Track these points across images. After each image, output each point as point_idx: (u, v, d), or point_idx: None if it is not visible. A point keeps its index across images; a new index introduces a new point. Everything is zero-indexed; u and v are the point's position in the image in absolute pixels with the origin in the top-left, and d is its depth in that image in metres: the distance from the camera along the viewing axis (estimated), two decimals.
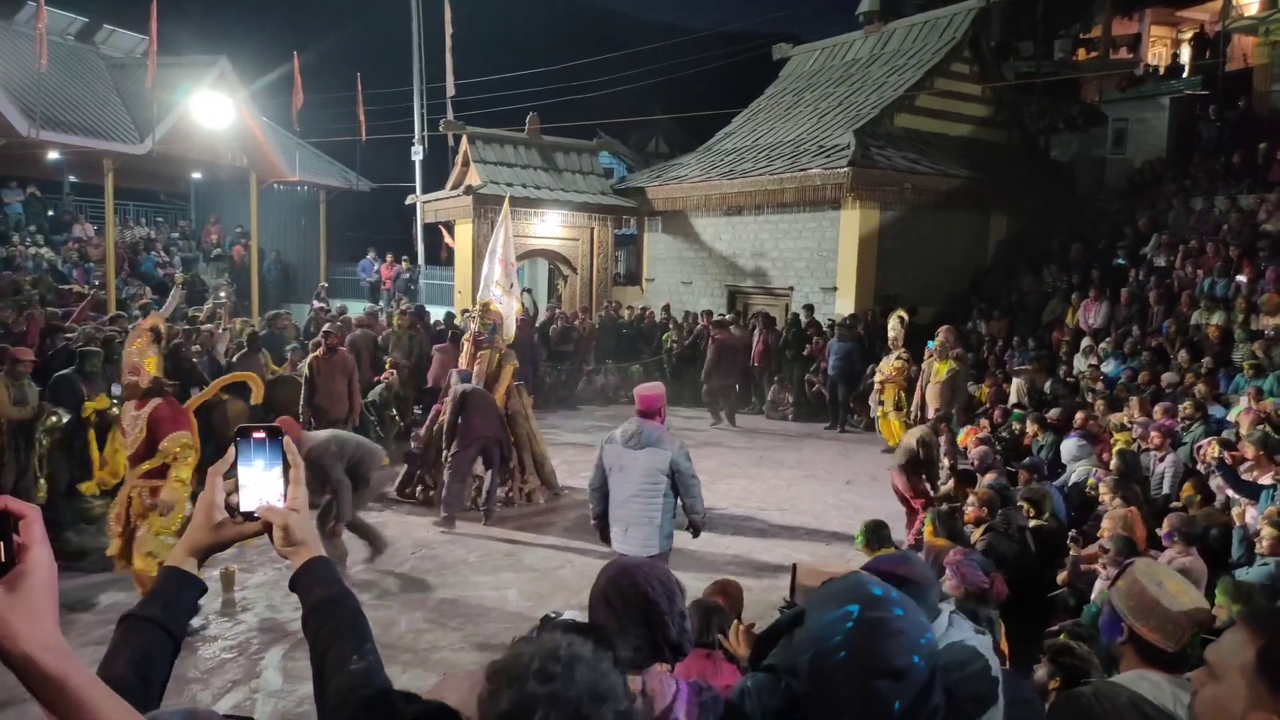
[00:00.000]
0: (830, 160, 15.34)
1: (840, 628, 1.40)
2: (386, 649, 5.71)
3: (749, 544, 8.25)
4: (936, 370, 10.64)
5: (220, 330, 12.17)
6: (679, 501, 5.51)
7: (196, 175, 22.04)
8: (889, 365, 11.90)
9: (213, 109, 16.77)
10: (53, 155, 17.50)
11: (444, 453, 9.13)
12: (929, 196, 15.78)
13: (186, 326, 12.28)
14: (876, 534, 5.40)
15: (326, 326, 10.39)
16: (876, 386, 12.12)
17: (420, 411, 12.95)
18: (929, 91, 17.22)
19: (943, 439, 8.52)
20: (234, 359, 10.75)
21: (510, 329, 9.68)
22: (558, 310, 17.48)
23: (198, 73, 17.20)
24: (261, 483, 1.42)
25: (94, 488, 7.55)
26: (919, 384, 11.04)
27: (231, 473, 1.43)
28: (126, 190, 20.68)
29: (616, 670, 1.28)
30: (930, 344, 11.17)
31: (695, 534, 5.90)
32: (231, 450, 1.43)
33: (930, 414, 10.68)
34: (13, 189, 20.17)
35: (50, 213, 21.13)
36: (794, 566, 2.41)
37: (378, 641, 1.55)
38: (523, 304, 12.29)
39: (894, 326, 12.02)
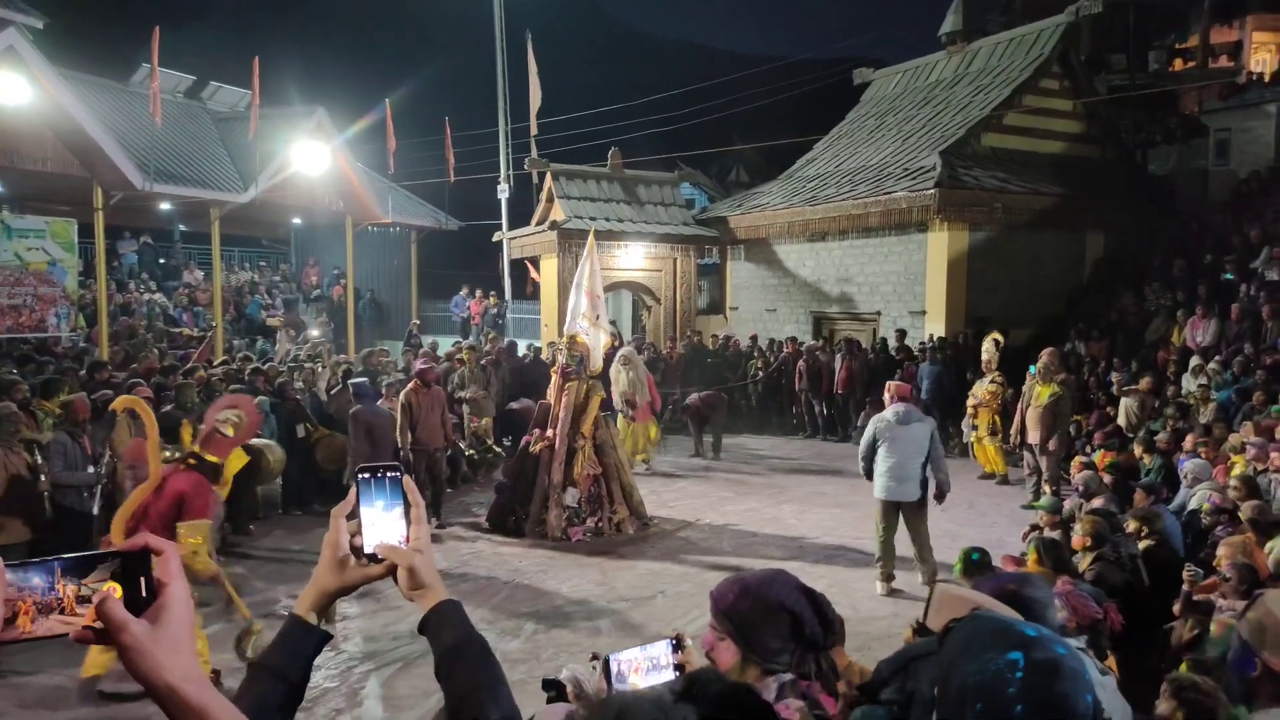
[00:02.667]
0: (916, 182, 15.12)
1: (1010, 677, 1.34)
2: None
3: (843, 574, 8.09)
4: (1038, 394, 10.29)
5: (321, 369, 12.61)
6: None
7: (296, 220, 23.02)
8: (983, 389, 11.58)
9: (311, 157, 17.55)
10: (164, 206, 18.52)
11: (537, 482, 9.27)
12: (1020, 216, 15.38)
13: (291, 364, 12.80)
14: (975, 561, 5.23)
15: (420, 364, 10.66)
16: (970, 411, 11.82)
17: (510, 444, 13.16)
18: (1017, 110, 16.85)
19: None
20: (332, 393, 11.13)
21: (597, 360, 9.77)
22: (645, 341, 17.56)
23: (296, 123, 18.05)
24: (382, 523, 1.39)
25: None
26: (1019, 408, 10.68)
27: (353, 513, 1.40)
28: (231, 237, 21.74)
29: None
30: (1032, 368, 10.82)
31: (940, 498, 7.61)
32: (353, 491, 1.40)
33: (1031, 439, 10.34)
34: (127, 239, 21.42)
35: (161, 260, 22.36)
36: (938, 590, 2.34)
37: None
38: (611, 336, 12.42)
39: (988, 349, 11.71)
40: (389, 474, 1.40)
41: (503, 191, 21.07)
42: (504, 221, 20.89)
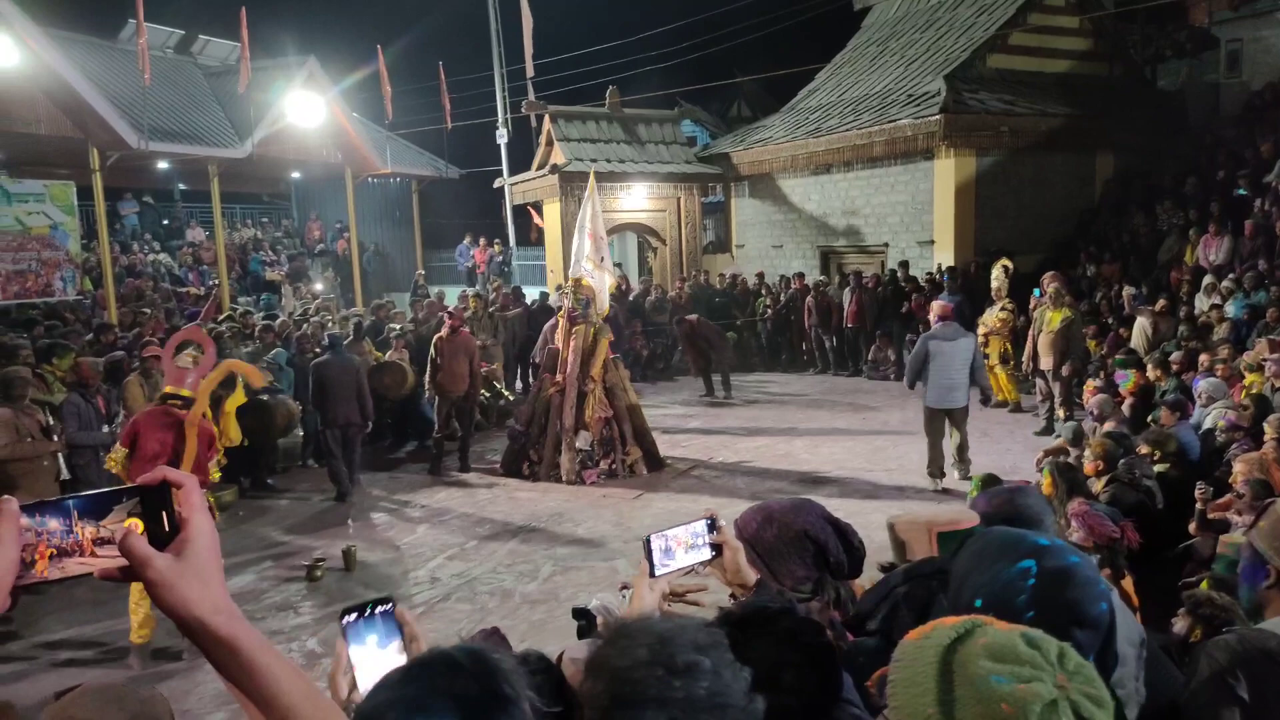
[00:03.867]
0: (920, 109, 14.83)
1: (1022, 585, 1.33)
2: (503, 620, 5.86)
3: (857, 505, 8.11)
4: (1050, 320, 10.20)
5: (331, 323, 12.60)
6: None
7: (295, 175, 22.80)
8: (993, 317, 11.48)
9: (305, 108, 17.29)
10: (162, 165, 18.36)
11: (549, 427, 9.32)
12: (1028, 139, 15.10)
13: (299, 319, 12.80)
14: (990, 486, 5.23)
15: (451, 308, 10.91)
16: (980, 340, 11.72)
17: (522, 390, 13.21)
18: (1022, 29, 16.44)
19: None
20: (344, 344, 11.13)
21: (604, 303, 9.72)
22: (652, 283, 17.45)
23: (289, 74, 17.75)
24: (378, 661, 1.30)
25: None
26: (1030, 334, 10.60)
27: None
28: (232, 194, 21.58)
29: (737, 671, 1.20)
30: (1036, 291, 10.73)
31: (985, 401, 9.39)
32: (339, 644, 1.32)
33: (1043, 365, 10.29)
34: (128, 200, 21.29)
35: (164, 221, 22.24)
36: (890, 525, 2.33)
37: (493, 614, 1.54)
38: (616, 279, 12.32)
39: (997, 276, 11.59)
40: (379, 609, 1.35)
41: (501, 137, 20.80)
42: (504, 167, 20.66)
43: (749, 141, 18.69)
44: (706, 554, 1.85)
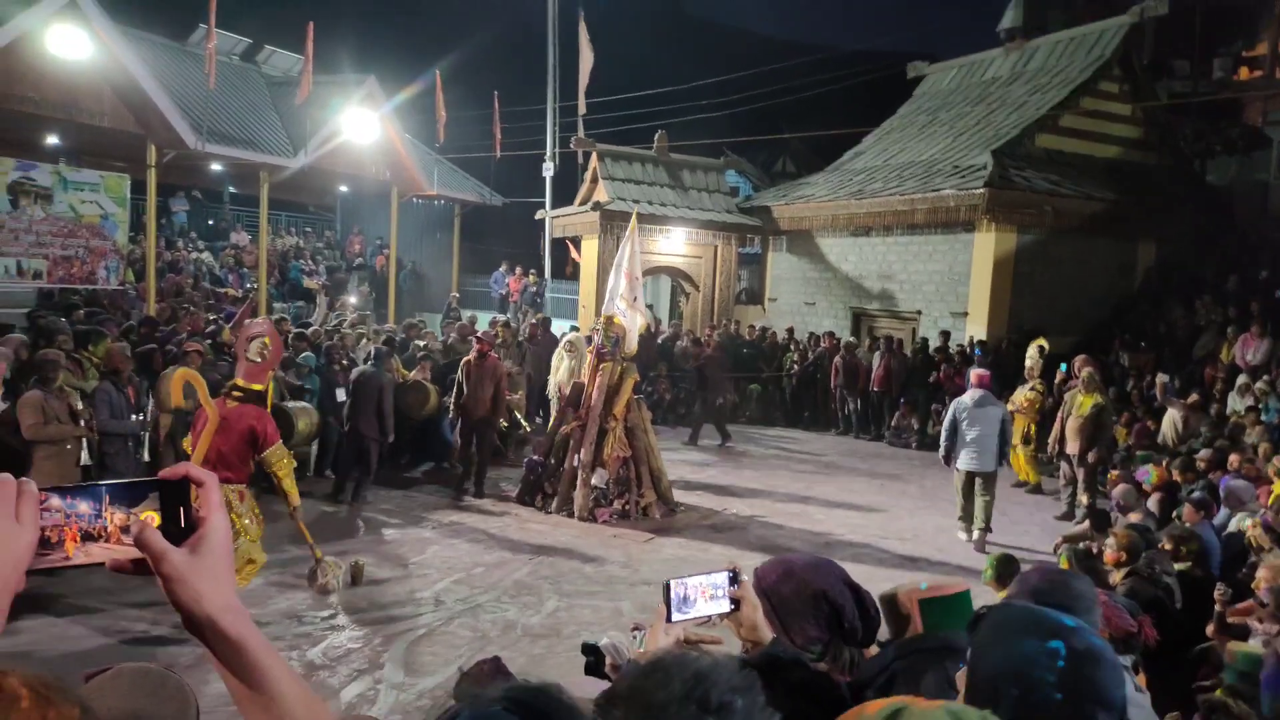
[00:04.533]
0: (965, 181, 14.89)
1: (1050, 664, 1.34)
2: (504, 651, 5.83)
3: (867, 572, 8.00)
4: (1080, 404, 10.10)
5: (365, 340, 12.72)
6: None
7: (343, 188, 23.21)
8: (1022, 396, 11.39)
9: (361, 125, 17.65)
10: (215, 167, 18.76)
11: (567, 461, 9.34)
12: (1071, 220, 15.10)
13: (330, 329, 12.95)
14: (1007, 568, 5.17)
15: (481, 333, 11.17)
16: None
17: (541, 420, 13.23)
18: (1074, 111, 16.53)
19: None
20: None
21: (633, 342, 9.77)
22: (682, 328, 17.51)
23: (348, 91, 18.15)
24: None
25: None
26: (1058, 417, 10.49)
27: None
28: (279, 201, 21.98)
29: (769, 716, 1.19)
30: (1063, 366, 10.76)
31: (1002, 460, 9.04)
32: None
33: (1069, 449, 10.18)
34: (179, 198, 21.76)
35: (210, 221, 22.68)
36: (891, 598, 2.28)
37: (492, 642, 1.55)
38: (647, 319, 12.38)
39: (1032, 355, 11.48)
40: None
41: (548, 170, 21.08)
42: (547, 199, 20.91)
43: (791, 197, 18.81)
44: (725, 606, 1.85)
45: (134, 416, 7.83)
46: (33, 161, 13.52)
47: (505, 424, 12.07)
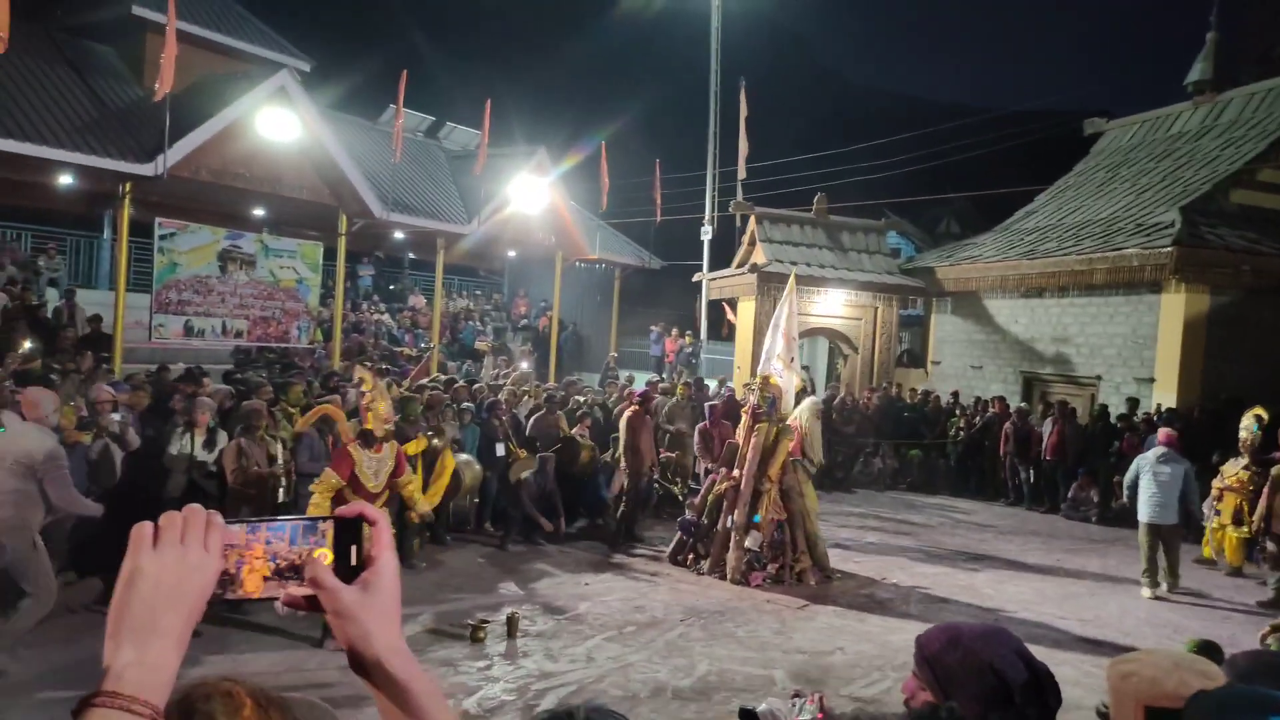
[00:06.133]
0: (1150, 239, 14.01)
1: None
2: (653, 714, 5.78)
3: (1043, 654, 7.32)
4: None
5: (529, 398, 13.16)
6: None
7: (511, 253, 24.37)
8: (1234, 473, 10.33)
9: (530, 194, 18.56)
10: (398, 235, 20.13)
11: (718, 523, 9.26)
12: (1271, 280, 13.86)
13: (494, 385, 13.49)
14: (1207, 654, 4.67)
15: (644, 389, 11.90)
16: (1214, 494, 10.54)
17: (696, 483, 13.18)
18: (1273, 165, 15.30)
19: None
20: (534, 418, 11.63)
21: (789, 403, 9.64)
22: (839, 390, 17.15)
23: (520, 162, 19.18)
24: None
25: (414, 516, 8.42)
26: (1265, 493, 9.49)
27: None
28: (452, 266, 23.29)
29: None
30: (1254, 428, 9.86)
31: (1187, 521, 9.70)
32: None
33: (1276, 528, 9.19)
34: (365, 264, 23.45)
35: (391, 285, 24.30)
36: (1123, 675, 2.03)
37: (642, 703, 1.54)
38: (802, 380, 12.19)
39: (1247, 427, 10.37)
40: None
41: (706, 233, 21.38)
42: (705, 262, 21.17)
43: (957, 257, 18.24)
44: None
45: None
46: (240, 231, 14.97)
47: (676, 481, 12.13)
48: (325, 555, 0.97)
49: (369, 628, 0.94)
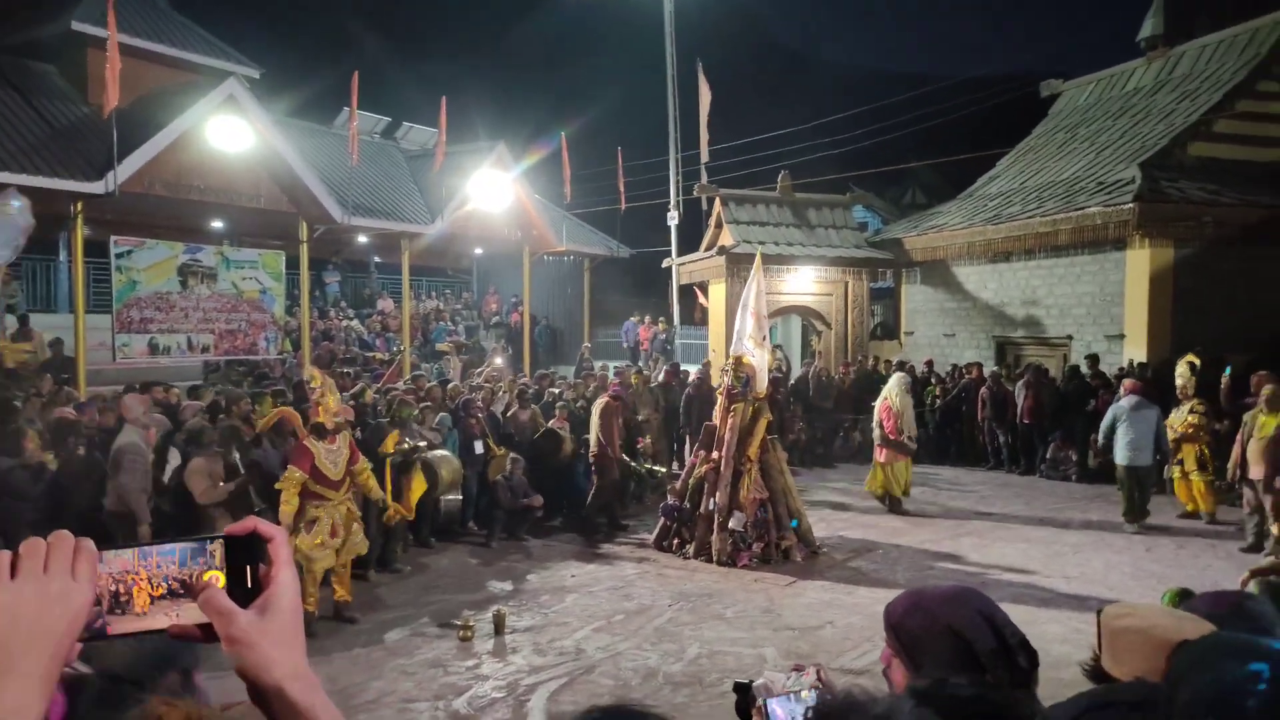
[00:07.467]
0: (1112, 197, 14.08)
1: (1251, 689, 1.21)
2: (646, 699, 5.72)
3: (1030, 613, 7.48)
4: (1262, 425, 9.20)
5: (502, 393, 13.06)
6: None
7: (478, 251, 24.17)
8: (1181, 421, 10.52)
9: (492, 190, 18.38)
10: (361, 239, 19.91)
11: (701, 506, 9.23)
12: (1234, 230, 13.99)
13: (473, 383, 13.38)
14: (1185, 603, 4.69)
15: (615, 380, 11.89)
16: (1170, 445, 10.68)
17: (678, 467, 13.15)
18: (1229, 115, 15.43)
19: None
20: (509, 414, 11.53)
21: (763, 382, 9.61)
22: (815, 365, 17.15)
23: (479, 157, 18.99)
24: None
25: (390, 517, 8.35)
26: (1238, 439, 9.60)
27: None
28: (420, 267, 23.07)
29: None
30: (1228, 370, 10.17)
31: (1164, 459, 10.55)
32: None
33: (1253, 474, 9.29)
34: (331, 270, 23.17)
35: (366, 290, 24.08)
36: (1099, 613, 2.00)
37: (635, 691, 1.49)
38: (776, 358, 12.23)
39: (1182, 373, 10.63)
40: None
41: (672, 218, 21.30)
42: (673, 248, 21.10)
43: (923, 227, 18.28)
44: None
45: None
46: (199, 244, 14.72)
47: (640, 467, 12.08)
48: (218, 578, 0.89)
49: (268, 653, 0.87)
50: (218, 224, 17.20)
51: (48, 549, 0.82)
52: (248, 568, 0.90)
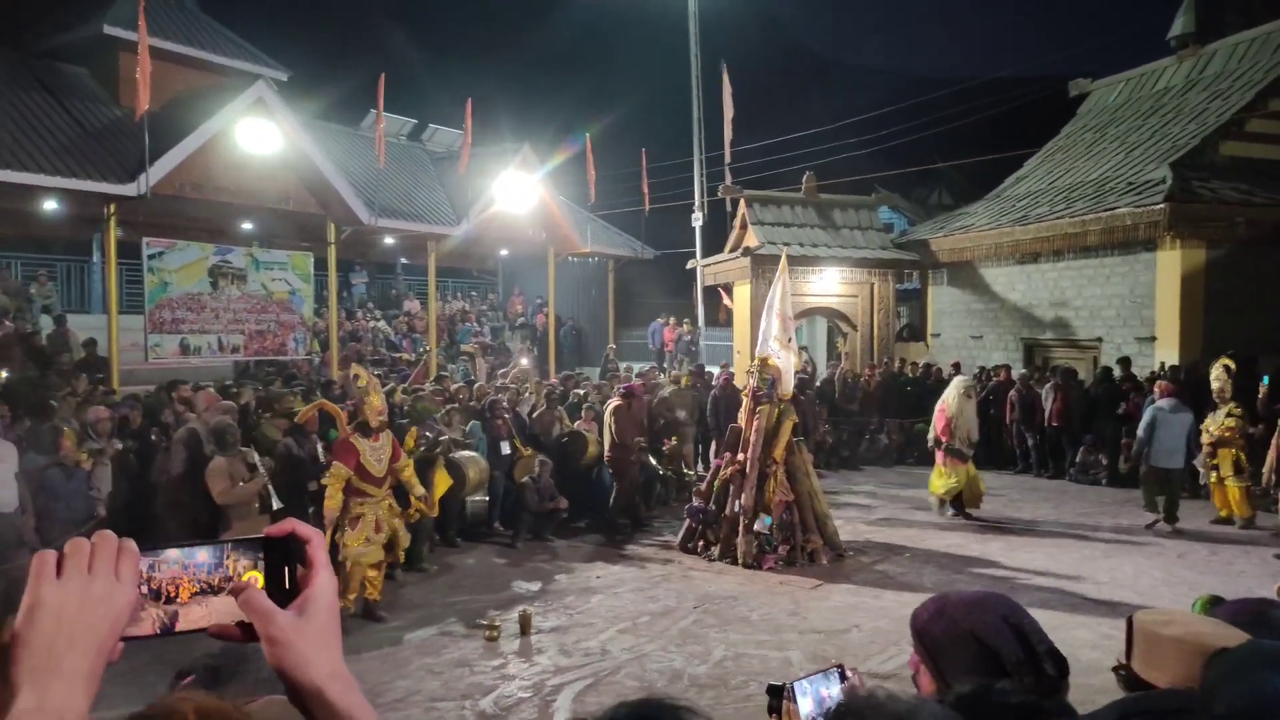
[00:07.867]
0: (1142, 197, 13.92)
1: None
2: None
3: (1059, 618, 7.40)
4: None
5: (529, 394, 13.11)
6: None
7: (503, 252, 24.27)
8: (1217, 424, 10.33)
9: (517, 192, 18.46)
10: (388, 240, 20.05)
11: (726, 508, 9.21)
12: (1266, 231, 13.78)
13: (499, 384, 13.44)
14: (1216, 607, 4.62)
15: (629, 384, 11.63)
16: (1207, 450, 10.51)
17: (703, 469, 13.14)
18: (1262, 114, 15.20)
19: None
20: (534, 415, 11.57)
21: (789, 384, 9.58)
22: (841, 367, 17.07)
23: (504, 159, 19.08)
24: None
25: (413, 514, 8.41)
26: (1274, 443, 9.45)
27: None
28: (446, 269, 23.22)
29: None
30: (1265, 380, 10.16)
31: (1189, 457, 10.30)
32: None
33: None
34: (358, 271, 23.37)
35: (393, 291, 24.29)
36: (1129, 621, 1.97)
37: (661, 692, 1.50)
38: (801, 360, 12.19)
39: (1218, 377, 10.42)
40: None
41: (697, 220, 21.26)
42: (698, 249, 21.06)
43: (950, 228, 18.15)
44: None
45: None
46: (229, 246, 14.89)
47: (671, 471, 12.10)
48: (256, 578, 0.91)
49: (307, 654, 0.88)
50: (247, 225, 17.39)
51: (91, 549, 0.84)
52: (286, 569, 0.92)
